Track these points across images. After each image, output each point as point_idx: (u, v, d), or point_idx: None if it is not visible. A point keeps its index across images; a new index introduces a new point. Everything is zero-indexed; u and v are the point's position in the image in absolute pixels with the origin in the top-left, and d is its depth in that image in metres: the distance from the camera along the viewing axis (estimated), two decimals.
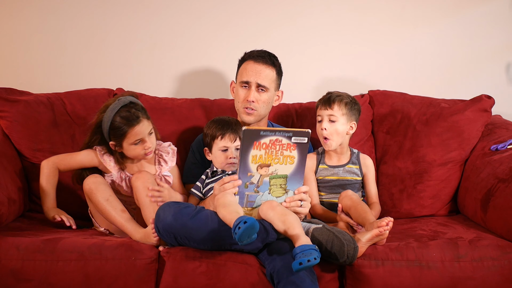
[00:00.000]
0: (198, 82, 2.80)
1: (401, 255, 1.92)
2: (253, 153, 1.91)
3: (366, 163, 2.34)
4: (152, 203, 2.09)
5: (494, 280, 1.90)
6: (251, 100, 2.30)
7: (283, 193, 1.97)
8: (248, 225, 1.71)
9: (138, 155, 2.19)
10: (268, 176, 1.95)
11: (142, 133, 2.14)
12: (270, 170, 1.94)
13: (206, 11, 2.78)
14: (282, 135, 1.91)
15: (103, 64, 2.76)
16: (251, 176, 1.94)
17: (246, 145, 1.90)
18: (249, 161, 1.92)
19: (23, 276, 1.85)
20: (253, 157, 1.91)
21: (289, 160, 1.95)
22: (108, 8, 2.75)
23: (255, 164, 1.92)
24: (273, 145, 1.92)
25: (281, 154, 1.93)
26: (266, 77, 2.33)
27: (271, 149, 1.92)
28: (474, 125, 2.44)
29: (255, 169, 1.93)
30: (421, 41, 2.82)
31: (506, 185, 2.07)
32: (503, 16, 2.81)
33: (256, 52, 2.37)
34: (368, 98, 2.64)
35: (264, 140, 1.91)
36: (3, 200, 2.06)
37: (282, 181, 1.96)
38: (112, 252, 1.90)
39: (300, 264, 1.70)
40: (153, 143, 2.20)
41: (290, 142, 1.93)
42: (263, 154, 1.92)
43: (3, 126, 2.38)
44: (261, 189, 1.96)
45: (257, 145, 1.90)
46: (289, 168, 1.96)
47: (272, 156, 1.93)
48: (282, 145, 1.92)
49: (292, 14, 2.79)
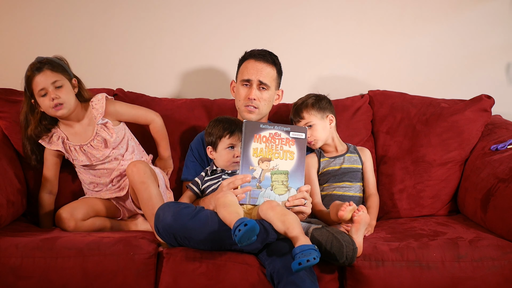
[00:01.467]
0: (199, 82, 2.80)
1: (401, 255, 1.92)
2: (254, 146, 1.98)
3: (365, 153, 2.39)
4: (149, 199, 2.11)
5: (494, 280, 1.90)
6: (253, 98, 2.31)
7: (286, 190, 1.99)
8: (248, 227, 1.71)
9: (47, 109, 2.22)
10: (270, 171, 1.99)
11: (44, 83, 2.19)
12: (271, 164, 1.98)
13: (206, 11, 2.77)
14: (280, 129, 2.00)
15: (103, 64, 2.76)
16: (253, 170, 1.98)
17: (247, 137, 1.98)
18: (250, 154, 1.98)
19: (23, 274, 1.86)
20: (254, 150, 1.97)
21: (289, 155, 1.99)
22: (108, 8, 2.75)
23: (257, 158, 1.98)
24: (273, 139, 1.99)
25: (281, 148, 1.99)
26: (267, 75, 2.34)
27: (271, 143, 1.99)
28: (474, 125, 2.43)
29: (257, 163, 1.98)
30: (421, 41, 2.82)
31: (506, 185, 2.07)
32: (503, 16, 2.80)
33: (257, 51, 2.38)
34: (368, 98, 2.64)
35: (264, 133, 1.99)
36: (2, 202, 2.05)
37: (284, 178, 1.99)
38: (110, 248, 1.90)
39: (299, 264, 1.70)
40: (63, 98, 2.21)
41: (289, 137, 2.00)
42: (263, 148, 1.98)
43: (3, 126, 2.38)
44: (263, 185, 1.99)
45: (257, 138, 1.98)
46: (290, 164, 2.00)
47: (272, 150, 1.99)
48: (281, 139, 2.00)
49: (292, 14, 2.79)
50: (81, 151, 2.29)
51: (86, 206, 2.26)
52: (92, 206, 2.28)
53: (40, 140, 2.29)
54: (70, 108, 2.25)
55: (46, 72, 2.20)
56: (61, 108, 2.22)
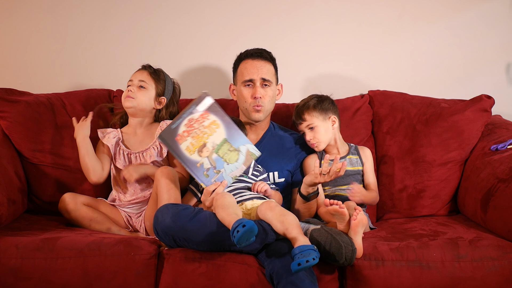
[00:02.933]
0: (199, 82, 2.80)
1: (401, 255, 1.92)
2: (184, 146, 1.97)
3: (365, 152, 2.38)
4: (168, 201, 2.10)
5: (494, 280, 1.90)
6: (259, 96, 2.31)
7: (236, 153, 2.00)
8: (246, 228, 1.72)
9: (123, 98, 2.36)
10: (213, 151, 1.97)
11: (134, 77, 2.38)
12: (208, 147, 1.97)
13: (206, 12, 2.78)
14: (189, 113, 2.00)
15: (103, 64, 2.76)
16: (202, 165, 1.97)
17: (173, 145, 1.97)
18: (187, 156, 1.97)
19: (23, 275, 1.86)
20: (187, 149, 1.96)
21: (214, 125, 1.99)
22: (108, 8, 2.75)
23: (195, 153, 1.96)
24: (190, 127, 1.99)
25: (204, 127, 1.99)
26: (268, 71, 2.35)
27: (192, 130, 1.98)
28: (474, 125, 2.43)
29: (198, 157, 1.97)
30: (421, 41, 2.82)
31: (506, 185, 2.07)
32: (503, 16, 2.80)
33: (252, 50, 2.39)
34: (368, 98, 2.64)
35: (180, 129, 1.99)
36: (2, 201, 2.06)
37: (227, 146, 2.00)
38: (111, 249, 1.90)
39: (298, 265, 1.70)
40: (138, 97, 2.33)
41: (200, 112, 2.00)
42: (191, 140, 1.97)
43: (3, 126, 2.38)
44: (219, 166, 1.99)
45: (179, 138, 1.97)
46: (221, 132, 2.00)
47: (199, 136, 1.98)
48: (197, 120, 2.00)
49: (293, 14, 2.79)
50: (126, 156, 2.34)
51: (92, 200, 2.30)
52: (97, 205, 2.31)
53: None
54: (137, 107, 2.34)
55: (144, 72, 2.39)
56: (129, 100, 2.32)
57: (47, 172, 2.39)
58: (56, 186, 2.39)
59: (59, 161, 2.41)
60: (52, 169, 2.40)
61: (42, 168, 2.39)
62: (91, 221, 2.24)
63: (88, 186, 2.40)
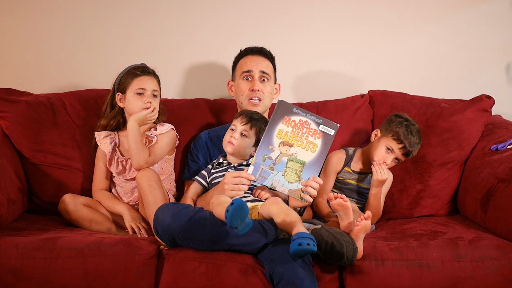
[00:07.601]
0: (199, 82, 2.80)
1: (401, 255, 1.92)
2: (281, 127, 1.96)
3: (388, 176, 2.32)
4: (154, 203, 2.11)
5: (494, 280, 1.90)
6: (257, 88, 2.31)
7: (297, 180, 1.98)
8: (235, 205, 1.70)
9: (137, 109, 2.27)
10: (287, 156, 1.97)
11: (147, 85, 2.31)
12: (291, 150, 1.97)
13: (206, 11, 2.78)
14: (312, 119, 1.98)
15: (103, 64, 2.76)
16: (271, 150, 1.97)
17: (277, 117, 1.96)
18: (274, 134, 1.97)
19: (23, 275, 1.86)
20: (279, 131, 1.96)
21: (311, 147, 1.97)
22: (108, 8, 2.75)
23: (279, 140, 1.97)
24: (301, 126, 1.97)
25: (306, 138, 1.97)
26: (267, 67, 2.39)
27: (298, 129, 1.97)
28: (474, 125, 2.43)
29: (277, 145, 1.97)
30: (421, 41, 2.82)
31: (506, 185, 2.07)
32: (503, 16, 2.81)
33: (253, 47, 2.43)
34: (368, 98, 2.64)
35: (294, 118, 1.97)
36: (2, 200, 2.06)
37: (299, 167, 1.98)
38: (111, 249, 1.90)
39: (299, 244, 1.69)
40: (154, 106, 2.29)
41: (318, 129, 1.98)
42: (289, 132, 1.97)
43: (3, 126, 2.38)
44: (277, 168, 1.98)
45: (286, 120, 1.97)
46: (309, 156, 1.98)
47: (297, 137, 1.97)
48: (310, 129, 1.98)
49: (293, 14, 2.79)
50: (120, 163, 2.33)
51: (92, 201, 2.31)
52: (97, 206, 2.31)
53: (96, 133, 2.36)
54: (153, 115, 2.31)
55: (152, 79, 2.35)
56: (148, 109, 2.27)
57: (47, 172, 2.39)
58: (56, 186, 2.39)
59: (59, 161, 2.40)
60: (52, 169, 2.40)
61: (42, 168, 2.39)
62: (91, 222, 2.25)
63: (88, 186, 2.40)
